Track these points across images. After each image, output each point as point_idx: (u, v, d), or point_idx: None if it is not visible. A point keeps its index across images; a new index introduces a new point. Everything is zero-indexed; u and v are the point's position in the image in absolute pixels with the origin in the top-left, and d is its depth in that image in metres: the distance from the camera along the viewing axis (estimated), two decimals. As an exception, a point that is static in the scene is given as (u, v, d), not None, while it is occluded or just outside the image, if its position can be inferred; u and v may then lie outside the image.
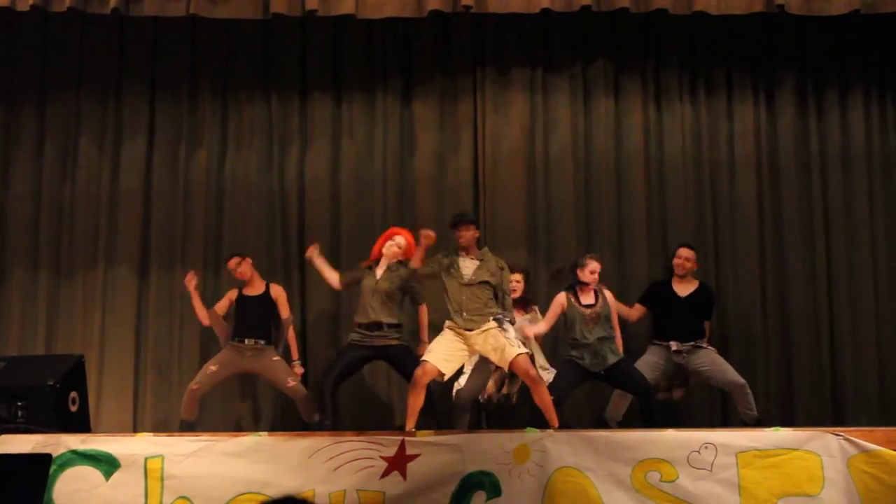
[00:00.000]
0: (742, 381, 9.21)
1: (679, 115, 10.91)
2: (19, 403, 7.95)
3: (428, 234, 8.65)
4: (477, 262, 8.58)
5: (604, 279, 9.36)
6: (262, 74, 10.94)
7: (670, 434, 7.72)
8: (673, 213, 10.69)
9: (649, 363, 9.36)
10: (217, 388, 10.01)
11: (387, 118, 10.94)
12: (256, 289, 9.85)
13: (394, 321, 9.22)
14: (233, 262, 9.84)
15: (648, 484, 7.44)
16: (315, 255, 9.50)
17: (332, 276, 9.50)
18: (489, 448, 7.49)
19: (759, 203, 10.73)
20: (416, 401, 8.30)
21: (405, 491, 7.41)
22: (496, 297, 8.55)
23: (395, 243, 9.31)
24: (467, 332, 8.38)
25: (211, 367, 9.55)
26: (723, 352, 9.81)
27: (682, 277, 9.63)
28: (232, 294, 9.91)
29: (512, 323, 8.55)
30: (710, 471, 7.45)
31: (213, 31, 10.78)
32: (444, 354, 8.36)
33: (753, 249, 10.61)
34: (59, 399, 8.13)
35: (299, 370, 9.79)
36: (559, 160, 10.83)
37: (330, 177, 10.84)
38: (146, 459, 7.54)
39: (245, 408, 10.47)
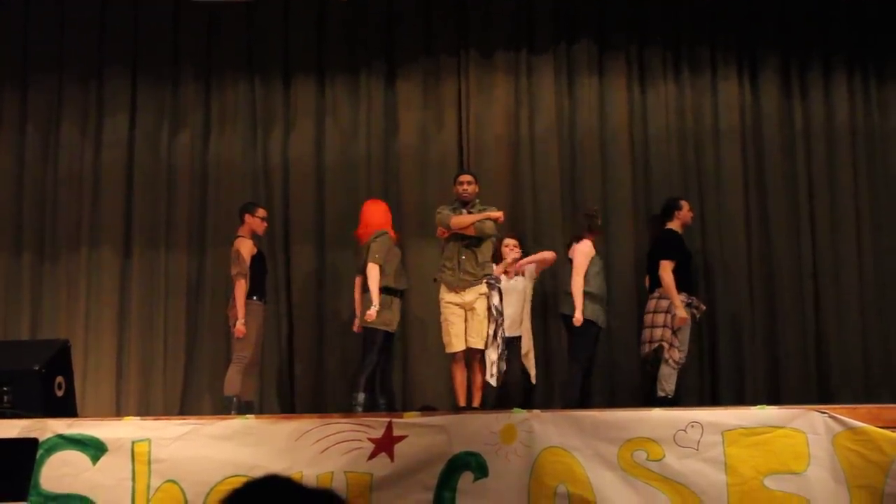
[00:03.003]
0: None
1: (663, 94, 10.94)
2: (5, 388, 7.96)
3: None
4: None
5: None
6: (245, 56, 10.94)
7: (657, 413, 7.76)
8: (658, 190, 10.70)
9: None
10: (207, 372, 10.11)
11: (370, 99, 10.95)
12: (261, 246, 9.87)
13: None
14: (265, 212, 9.84)
15: (635, 463, 7.47)
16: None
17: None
18: (476, 429, 7.51)
19: (745, 181, 10.77)
20: (463, 377, 8.84)
21: (393, 472, 7.43)
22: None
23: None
24: (464, 294, 8.77)
25: (256, 339, 9.50)
26: (710, 329, 9.93)
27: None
28: (251, 247, 9.62)
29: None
30: (697, 449, 7.48)
31: (196, 13, 10.75)
32: (458, 334, 8.76)
33: (739, 228, 10.65)
34: (45, 384, 8.13)
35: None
36: (544, 140, 10.86)
37: (314, 157, 10.84)
38: (133, 443, 7.54)
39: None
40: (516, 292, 9.46)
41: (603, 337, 9.68)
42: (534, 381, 9.53)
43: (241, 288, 9.36)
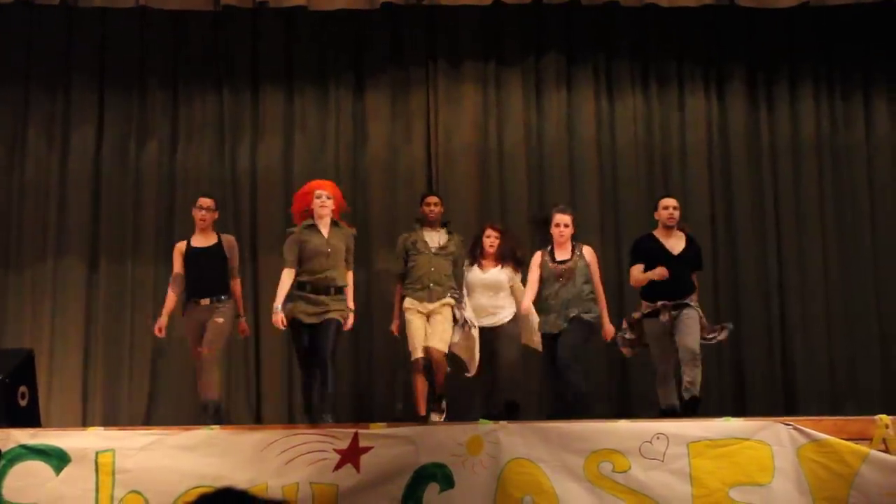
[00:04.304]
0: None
1: (631, 107, 10.98)
2: (-32, 398, 7.89)
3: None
4: (444, 235, 9.27)
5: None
6: (213, 66, 10.91)
7: (623, 425, 7.76)
8: (625, 202, 10.79)
9: None
10: (173, 383, 10.06)
11: (339, 110, 10.95)
12: (208, 239, 9.19)
13: (344, 283, 8.84)
14: (208, 202, 9.24)
15: (601, 474, 7.47)
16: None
17: (285, 280, 8.84)
18: (442, 440, 7.50)
19: (711, 192, 10.83)
20: (424, 386, 8.97)
21: (358, 483, 7.40)
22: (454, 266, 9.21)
23: (323, 203, 8.85)
24: (429, 305, 8.97)
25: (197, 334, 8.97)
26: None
27: (670, 229, 9.22)
28: (181, 246, 9.20)
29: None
30: (662, 461, 7.48)
31: (164, 23, 10.70)
32: (421, 339, 8.93)
33: (705, 239, 10.58)
34: (9, 394, 8.08)
35: (245, 327, 9.38)
36: (512, 151, 10.89)
37: (282, 168, 10.82)
38: (97, 454, 7.49)
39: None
40: (496, 284, 9.22)
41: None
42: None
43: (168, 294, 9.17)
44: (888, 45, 10.97)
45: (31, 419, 8.22)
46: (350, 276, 8.95)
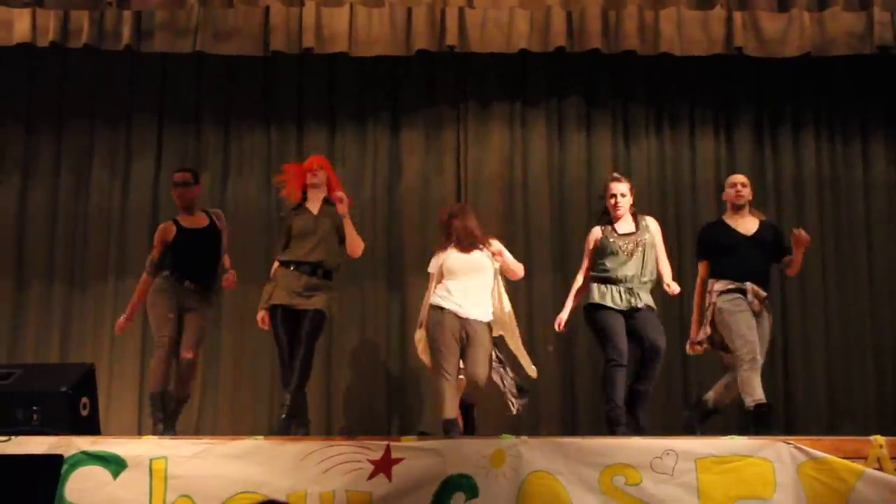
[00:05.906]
0: None
1: (645, 147, 11.00)
2: (35, 408, 7.91)
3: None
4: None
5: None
6: (261, 106, 11.01)
7: (635, 441, 7.74)
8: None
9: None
10: (222, 396, 10.10)
11: (377, 146, 11.03)
12: (198, 221, 8.85)
13: (333, 267, 8.51)
14: (183, 176, 8.81)
15: (614, 487, 7.44)
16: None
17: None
18: (468, 453, 7.49)
19: (719, 226, 10.79)
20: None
21: (390, 491, 7.39)
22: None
23: (318, 179, 8.59)
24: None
25: (169, 314, 8.65)
26: (683, 366, 9.87)
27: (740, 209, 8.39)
28: (168, 230, 8.77)
29: None
30: (672, 475, 7.44)
31: (217, 67, 10.84)
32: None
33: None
34: (72, 404, 8.10)
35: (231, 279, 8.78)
36: (535, 185, 10.93)
37: (324, 198, 10.88)
38: (151, 460, 7.51)
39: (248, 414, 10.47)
40: (481, 267, 8.25)
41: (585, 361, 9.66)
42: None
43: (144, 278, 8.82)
44: (883, 91, 10.99)
45: (91, 428, 8.25)
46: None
